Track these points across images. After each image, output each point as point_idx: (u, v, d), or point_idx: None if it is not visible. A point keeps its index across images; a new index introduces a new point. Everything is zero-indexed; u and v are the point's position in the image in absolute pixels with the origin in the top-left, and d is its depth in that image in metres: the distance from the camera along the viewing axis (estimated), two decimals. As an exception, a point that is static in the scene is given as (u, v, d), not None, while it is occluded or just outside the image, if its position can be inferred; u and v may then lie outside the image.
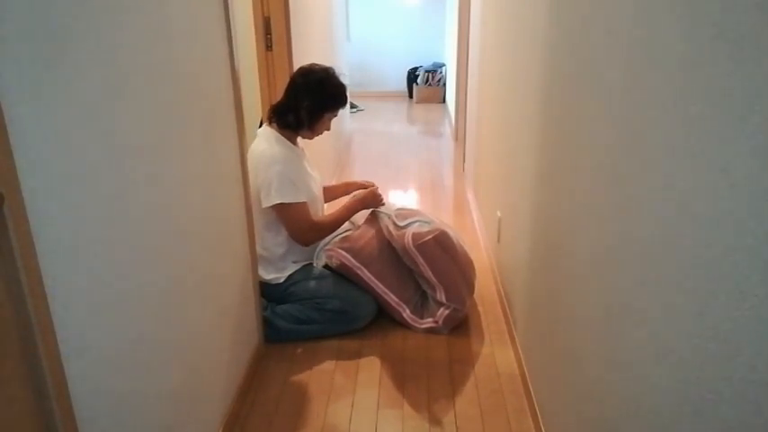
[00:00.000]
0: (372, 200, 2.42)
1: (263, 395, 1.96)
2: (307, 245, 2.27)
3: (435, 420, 1.83)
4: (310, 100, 2.18)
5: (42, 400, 0.87)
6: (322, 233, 2.31)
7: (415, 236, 2.21)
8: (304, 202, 2.20)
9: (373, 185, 2.50)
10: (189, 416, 1.46)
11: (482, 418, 1.83)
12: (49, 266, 0.87)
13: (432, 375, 2.05)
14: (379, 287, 2.28)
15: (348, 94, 2.26)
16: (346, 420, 1.84)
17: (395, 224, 2.31)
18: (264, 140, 2.20)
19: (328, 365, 2.12)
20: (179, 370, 1.39)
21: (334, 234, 2.42)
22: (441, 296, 2.27)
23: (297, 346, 2.22)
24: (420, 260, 2.23)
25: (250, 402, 1.92)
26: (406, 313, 2.31)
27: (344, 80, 2.26)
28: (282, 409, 1.89)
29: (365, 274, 2.27)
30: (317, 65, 2.26)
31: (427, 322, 2.30)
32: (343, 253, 2.27)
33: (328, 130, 2.33)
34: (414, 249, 2.21)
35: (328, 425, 1.82)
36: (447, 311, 2.27)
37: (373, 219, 2.44)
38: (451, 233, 2.33)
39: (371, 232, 2.36)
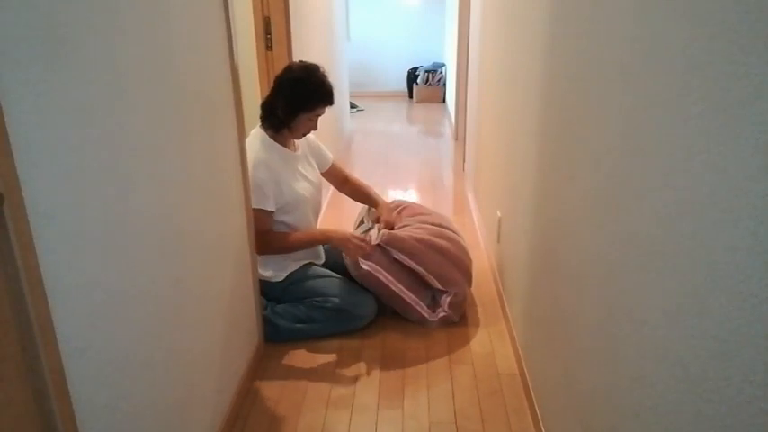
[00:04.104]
0: (344, 246, 2.24)
1: (263, 395, 1.96)
2: (259, 254, 2.12)
3: (435, 420, 1.83)
4: (284, 99, 2.11)
5: (42, 400, 0.87)
6: (270, 247, 2.16)
7: (384, 235, 2.26)
8: (268, 211, 2.11)
9: (384, 220, 2.44)
10: (189, 415, 1.46)
11: (482, 418, 1.83)
12: (49, 266, 0.87)
13: (432, 375, 2.05)
14: (397, 287, 2.28)
15: (333, 92, 2.16)
16: (346, 420, 1.84)
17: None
18: (251, 142, 2.13)
19: (328, 365, 2.12)
20: (179, 369, 1.39)
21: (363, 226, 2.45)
22: (436, 284, 2.31)
23: (297, 345, 2.22)
24: (400, 255, 2.25)
25: (250, 402, 1.92)
26: (424, 310, 2.34)
27: (327, 78, 2.14)
28: (282, 409, 1.88)
29: (385, 276, 2.24)
30: (301, 62, 2.19)
31: (439, 312, 2.34)
32: (371, 262, 2.23)
33: (314, 129, 2.25)
34: (387, 246, 2.25)
35: (328, 425, 1.82)
36: (449, 298, 2.33)
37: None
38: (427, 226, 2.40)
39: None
